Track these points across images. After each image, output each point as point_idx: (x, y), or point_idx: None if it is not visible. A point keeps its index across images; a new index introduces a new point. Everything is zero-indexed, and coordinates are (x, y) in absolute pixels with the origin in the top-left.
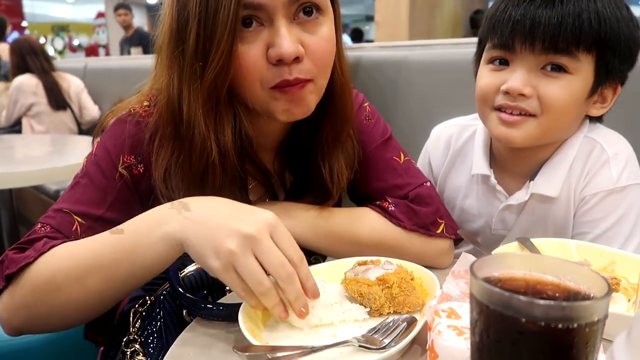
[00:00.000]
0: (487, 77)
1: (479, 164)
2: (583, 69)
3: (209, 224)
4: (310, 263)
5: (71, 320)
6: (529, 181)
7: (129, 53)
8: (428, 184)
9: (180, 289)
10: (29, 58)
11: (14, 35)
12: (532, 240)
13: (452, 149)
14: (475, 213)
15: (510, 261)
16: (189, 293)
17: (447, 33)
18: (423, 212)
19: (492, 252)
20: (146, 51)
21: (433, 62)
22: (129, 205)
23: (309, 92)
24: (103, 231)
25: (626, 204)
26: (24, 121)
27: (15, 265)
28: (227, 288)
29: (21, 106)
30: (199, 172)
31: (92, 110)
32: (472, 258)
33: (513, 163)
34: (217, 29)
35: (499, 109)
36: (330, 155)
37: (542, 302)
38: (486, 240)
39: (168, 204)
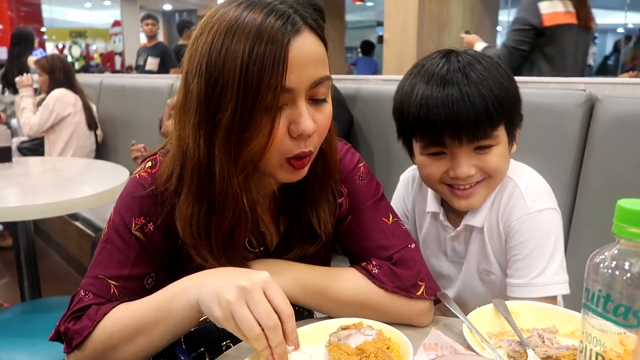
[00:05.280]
0: (429, 165)
1: (431, 203)
2: (502, 136)
3: (215, 284)
4: (297, 312)
5: None
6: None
7: (145, 61)
8: (413, 245)
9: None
10: (73, 76)
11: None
12: (507, 302)
13: (414, 188)
14: (433, 245)
15: None
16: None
17: None
18: (404, 275)
19: (468, 316)
20: (163, 64)
21: None
22: (148, 259)
23: (307, 162)
24: (134, 288)
25: (546, 227)
26: (47, 136)
27: (80, 335)
28: (223, 344)
29: (57, 116)
30: (230, 225)
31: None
32: (441, 335)
33: None
34: (258, 111)
35: (450, 185)
36: (318, 205)
37: None
38: (452, 275)
39: (190, 277)
